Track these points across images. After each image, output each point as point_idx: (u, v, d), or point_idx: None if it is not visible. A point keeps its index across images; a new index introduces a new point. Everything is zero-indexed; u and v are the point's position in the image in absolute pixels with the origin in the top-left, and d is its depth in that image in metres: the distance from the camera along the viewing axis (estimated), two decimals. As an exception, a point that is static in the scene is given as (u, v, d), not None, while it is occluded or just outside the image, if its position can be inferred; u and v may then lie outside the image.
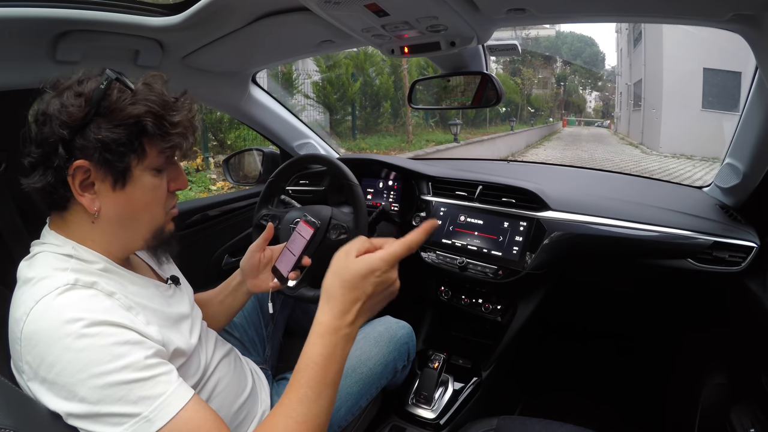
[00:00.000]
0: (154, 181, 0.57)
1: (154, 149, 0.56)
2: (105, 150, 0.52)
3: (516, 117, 16.98)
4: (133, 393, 0.46)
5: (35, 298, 0.48)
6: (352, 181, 1.03)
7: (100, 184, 0.54)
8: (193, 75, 1.08)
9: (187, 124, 0.57)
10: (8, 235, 0.83)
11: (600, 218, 1.07)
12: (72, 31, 0.75)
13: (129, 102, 0.53)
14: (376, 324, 1.01)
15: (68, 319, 0.46)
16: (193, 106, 0.60)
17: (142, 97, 0.54)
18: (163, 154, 0.57)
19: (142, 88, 0.55)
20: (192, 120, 0.59)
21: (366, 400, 0.90)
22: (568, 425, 0.79)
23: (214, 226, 1.40)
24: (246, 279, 0.84)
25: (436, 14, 0.71)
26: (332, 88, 7.35)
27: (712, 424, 1.01)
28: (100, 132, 0.52)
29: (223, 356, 0.73)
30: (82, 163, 0.52)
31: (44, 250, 0.54)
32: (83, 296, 0.50)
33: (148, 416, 0.46)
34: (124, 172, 0.54)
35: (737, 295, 1.00)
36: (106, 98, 0.52)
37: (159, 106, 0.55)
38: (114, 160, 0.53)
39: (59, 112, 0.51)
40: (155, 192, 0.58)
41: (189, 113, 0.58)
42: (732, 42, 0.76)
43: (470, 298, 1.25)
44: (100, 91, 0.52)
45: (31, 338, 0.47)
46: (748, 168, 0.95)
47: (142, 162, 0.55)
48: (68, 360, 0.45)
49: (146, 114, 0.53)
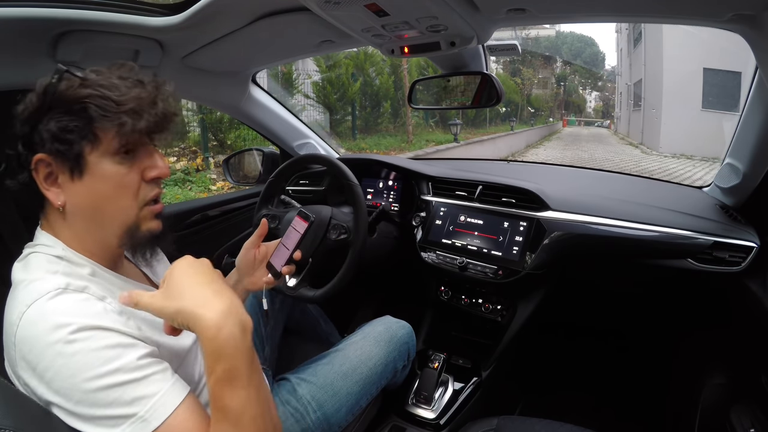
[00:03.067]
0: (117, 169, 0.55)
1: (108, 134, 0.53)
2: (55, 140, 0.52)
3: (516, 117, 16.98)
4: (126, 394, 0.46)
5: (27, 303, 0.48)
6: (352, 181, 1.02)
7: (62, 176, 0.54)
8: (193, 75, 1.08)
9: (142, 102, 0.54)
10: (8, 235, 0.83)
11: (600, 218, 1.07)
12: (72, 31, 0.75)
13: (75, 89, 0.52)
14: (376, 324, 1.01)
15: (58, 324, 0.46)
16: (161, 86, 0.57)
17: (90, 83, 0.53)
18: (119, 137, 0.54)
19: (92, 74, 0.54)
20: (154, 98, 0.55)
21: (366, 400, 0.90)
22: (568, 425, 0.79)
23: (214, 226, 1.40)
24: (242, 277, 0.83)
25: (436, 14, 0.71)
26: (332, 88, 7.35)
27: (712, 424, 1.01)
28: (49, 123, 0.52)
29: None
30: (40, 156, 0.53)
31: (36, 251, 0.55)
32: (74, 300, 0.49)
33: (143, 416, 0.46)
34: (77, 159, 0.53)
35: (737, 295, 1.00)
36: (57, 90, 0.52)
37: (105, 88, 0.53)
38: (65, 149, 0.52)
39: (21, 112, 0.53)
40: (120, 180, 0.55)
41: (145, 91, 0.55)
42: (732, 42, 0.76)
43: (470, 298, 1.25)
44: (51, 85, 0.52)
45: (24, 343, 0.47)
46: (748, 168, 0.95)
47: (97, 148, 0.53)
48: (60, 365, 0.45)
49: (88, 96, 0.52)
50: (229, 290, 0.51)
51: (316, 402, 0.81)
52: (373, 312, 1.59)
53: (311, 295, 0.95)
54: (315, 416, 0.80)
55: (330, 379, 0.85)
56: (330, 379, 0.85)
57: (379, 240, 1.28)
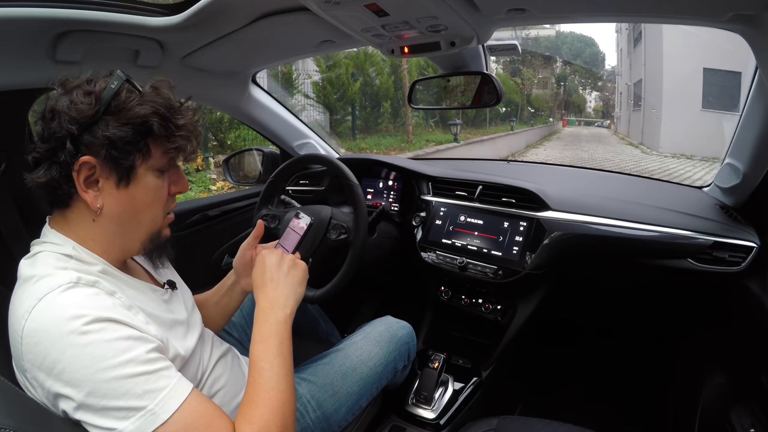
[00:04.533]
0: (157, 182, 0.59)
1: (159, 150, 0.57)
2: (112, 147, 0.53)
3: (516, 117, 16.97)
4: (138, 386, 0.47)
5: (38, 296, 0.49)
6: (352, 181, 1.02)
7: (105, 181, 0.55)
8: (193, 75, 1.08)
9: (191, 127, 0.59)
10: (8, 235, 0.83)
11: (600, 218, 1.07)
12: (72, 31, 0.74)
13: (137, 102, 0.55)
14: (377, 324, 1.01)
15: (72, 316, 0.47)
16: (198, 112, 0.62)
17: (150, 99, 0.56)
18: (167, 155, 0.58)
19: (149, 90, 0.57)
20: (195, 124, 0.60)
21: (366, 399, 0.90)
22: (568, 425, 0.79)
23: (214, 226, 1.40)
24: (239, 278, 0.84)
25: (436, 14, 0.71)
26: (332, 88, 7.36)
27: (712, 423, 1.01)
28: (107, 129, 0.53)
29: (221, 356, 0.73)
30: (89, 159, 0.53)
31: (45, 249, 0.55)
32: (86, 294, 0.50)
33: (153, 409, 0.47)
34: (129, 170, 0.55)
35: (737, 295, 1.00)
36: (116, 98, 0.54)
37: (165, 109, 0.56)
38: (119, 158, 0.54)
39: (68, 109, 0.53)
40: (157, 193, 0.59)
41: (193, 117, 0.60)
42: (732, 42, 0.76)
43: (470, 298, 1.25)
44: (110, 90, 0.54)
45: (33, 335, 0.47)
46: (748, 168, 0.95)
47: (147, 162, 0.57)
48: (72, 356, 0.46)
49: (153, 114, 0.55)
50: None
51: (315, 401, 0.81)
52: (374, 312, 1.59)
53: (311, 295, 0.95)
54: (314, 415, 0.80)
55: (330, 379, 0.85)
56: (330, 378, 0.85)
57: (379, 240, 1.28)
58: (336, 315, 1.30)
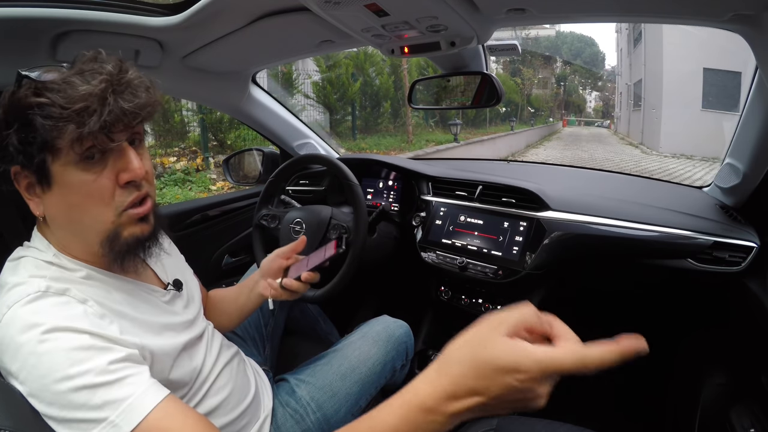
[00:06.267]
0: (83, 177, 0.50)
1: (64, 141, 0.47)
2: (18, 153, 0.49)
3: (516, 117, 16.99)
4: (96, 397, 0.45)
5: (8, 305, 0.48)
6: (352, 181, 1.02)
7: (37, 187, 0.52)
8: (193, 75, 1.08)
9: (90, 101, 0.47)
10: (8, 235, 0.83)
11: (600, 218, 1.07)
12: (72, 31, 0.75)
13: (29, 96, 0.47)
14: (374, 323, 1.01)
15: (30, 324, 0.46)
16: (116, 76, 0.49)
17: (44, 87, 0.47)
18: (78, 144, 0.48)
19: (49, 75, 0.49)
20: (103, 94, 0.48)
21: (365, 400, 0.90)
22: (568, 425, 0.79)
23: (214, 226, 1.40)
24: (260, 280, 0.84)
25: (436, 14, 0.71)
26: (332, 88, 7.35)
27: (712, 423, 1.01)
28: (10, 136, 0.48)
29: (227, 362, 0.72)
30: (15, 168, 0.51)
31: (29, 255, 0.54)
32: (52, 303, 0.49)
33: (114, 421, 0.44)
34: (42, 171, 0.50)
35: (737, 295, 1.00)
36: (15, 98, 0.48)
37: (55, 91, 0.47)
38: (27, 162, 0.49)
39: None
40: (86, 188, 0.51)
41: (93, 87, 0.47)
42: (732, 42, 0.76)
43: (470, 298, 1.25)
44: (12, 93, 0.48)
45: (1, 344, 0.47)
46: (748, 168, 0.95)
47: (59, 158, 0.49)
48: (32, 365, 0.45)
49: (36, 104, 0.46)
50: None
51: (315, 403, 0.81)
52: (373, 312, 1.58)
53: (311, 295, 0.95)
54: (315, 417, 0.80)
55: (329, 380, 0.85)
56: (329, 379, 0.85)
57: (379, 240, 1.28)
58: (336, 315, 1.30)
